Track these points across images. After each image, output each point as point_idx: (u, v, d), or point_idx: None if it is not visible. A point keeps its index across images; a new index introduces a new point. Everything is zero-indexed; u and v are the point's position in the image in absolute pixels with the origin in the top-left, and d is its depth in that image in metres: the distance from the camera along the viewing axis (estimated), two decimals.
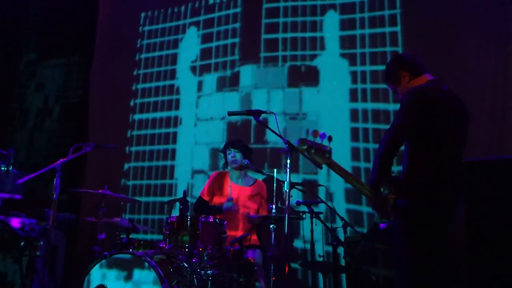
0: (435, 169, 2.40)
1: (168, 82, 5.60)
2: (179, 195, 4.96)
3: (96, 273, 3.22)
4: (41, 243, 4.11)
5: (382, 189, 2.48)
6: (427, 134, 2.43)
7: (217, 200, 4.03)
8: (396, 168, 3.45)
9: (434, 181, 2.39)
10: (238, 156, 3.98)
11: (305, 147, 2.46)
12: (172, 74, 5.60)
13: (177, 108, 5.47)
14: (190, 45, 5.58)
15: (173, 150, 5.38)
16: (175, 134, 5.42)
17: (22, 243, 4.07)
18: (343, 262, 3.78)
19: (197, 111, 5.34)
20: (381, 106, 4.57)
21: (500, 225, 3.05)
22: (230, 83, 5.24)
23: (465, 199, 3.17)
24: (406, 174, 2.47)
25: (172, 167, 5.33)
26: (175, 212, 3.67)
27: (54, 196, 3.37)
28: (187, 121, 5.38)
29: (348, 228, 3.91)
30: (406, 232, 2.42)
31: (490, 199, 3.11)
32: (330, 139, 2.48)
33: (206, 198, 4.09)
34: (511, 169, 3.13)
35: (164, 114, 5.51)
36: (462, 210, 3.18)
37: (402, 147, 2.52)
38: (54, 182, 3.37)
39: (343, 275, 3.99)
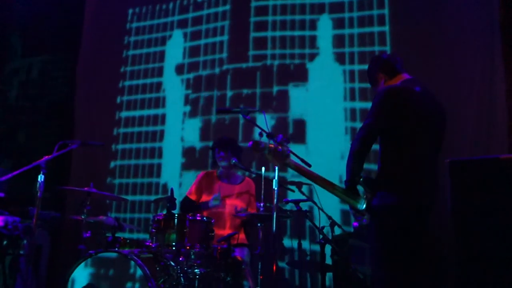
0: (405, 169, 2.42)
1: (155, 80, 5.55)
2: (166, 193, 4.94)
3: (81, 272, 3.18)
4: (25, 241, 4.04)
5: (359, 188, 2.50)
6: (397, 134, 2.44)
7: (205, 198, 4.01)
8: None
9: (405, 182, 2.41)
10: (227, 154, 3.96)
11: (259, 149, 2.49)
12: (160, 72, 5.55)
13: (164, 106, 5.43)
14: (178, 42, 5.53)
15: (160, 148, 5.33)
16: (162, 132, 5.37)
17: (5, 242, 4.00)
18: (330, 261, 3.78)
19: (185, 109, 5.31)
20: (369, 105, 4.57)
21: (487, 225, 3.08)
22: (218, 81, 5.21)
23: (451, 199, 3.19)
24: (378, 174, 2.49)
25: (159, 165, 5.29)
26: (162, 211, 3.65)
27: (39, 194, 3.32)
28: (175, 119, 5.33)
29: (336, 227, 3.92)
30: (379, 233, 2.42)
31: (476, 199, 3.13)
32: (287, 141, 2.53)
33: (193, 197, 4.07)
34: (497, 169, 3.16)
35: (152, 111, 5.46)
36: (448, 210, 3.20)
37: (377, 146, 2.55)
38: (39, 180, 3.32)
39: (330, 274, 3.99)
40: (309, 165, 3.22)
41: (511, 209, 3.00)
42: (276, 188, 2.93)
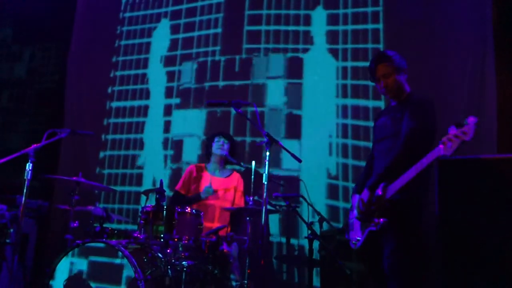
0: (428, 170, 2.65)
1: (146, 70, 5.50)
2: (152, 185, 4.93)
3: (68, 262, 3.16)
4: (11, 230, 4.01)
5: None
6: (429, 139, 2.67)
7: (194, 191, 4.00)
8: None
9: (425, 181, 2.71)
10: (226, 145, 4.02)
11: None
12: (150, 63, 5.50)
13: (154, 97, 5.39)
14: (170, 33, 5.49)
15: (149, 140, 5.29)
16: (152, 123, 5.33)
17: None
18: (318, 256, 3.80)
19: (175, 101, 5.28)
20: (361, 102, 4.60)
21: (472, 223, 3.11)
22: (211, 73, 5.19)
23: (438, 196, 3.22)
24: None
25: (148, 157, 5.25)
26: (151, 203, 3.63)
27: (26, 182, 3.28)
28: (165, 111, 5.30)
29: (324, 223, 3.94)
30: (410, 224, 2.64)
31: (463, 198, 3.16)
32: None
33: (183, 191, 4.07)
34: (484, 168, 3.19)
35: (142, 102, 5.43)
36: (436, 208, 3.23)
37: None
38: (27, 168, 3.28)
39: (318, 269, 4.01)
40: (300, 161, 3.25)
41: (496, 208, 3.04)
42: (265, 183, 2.94)
